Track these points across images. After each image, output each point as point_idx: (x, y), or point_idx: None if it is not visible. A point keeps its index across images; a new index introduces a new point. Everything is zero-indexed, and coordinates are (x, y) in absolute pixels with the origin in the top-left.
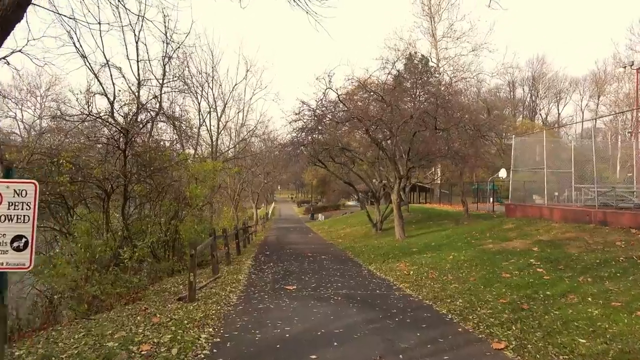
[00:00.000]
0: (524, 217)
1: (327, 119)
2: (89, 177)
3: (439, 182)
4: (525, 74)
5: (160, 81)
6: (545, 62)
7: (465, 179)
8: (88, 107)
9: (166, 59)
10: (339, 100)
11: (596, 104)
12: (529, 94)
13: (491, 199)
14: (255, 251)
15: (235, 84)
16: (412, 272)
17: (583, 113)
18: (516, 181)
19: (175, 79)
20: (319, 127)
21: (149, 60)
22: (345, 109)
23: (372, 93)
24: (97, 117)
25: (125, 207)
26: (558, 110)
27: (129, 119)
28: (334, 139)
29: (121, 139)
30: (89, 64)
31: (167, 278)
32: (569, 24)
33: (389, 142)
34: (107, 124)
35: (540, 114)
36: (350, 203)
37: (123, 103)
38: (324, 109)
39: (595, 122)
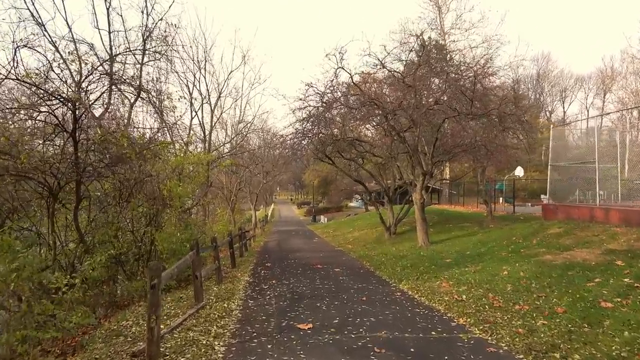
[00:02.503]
0: (569, 220)
1: (338, 104)
2: (19, 168)
3: (447, 181)
4: (530, 71)
5: (140, 59)
6: (551, 59)
7: (480, 176)
8: (13, 66)
9: (146, 33)
10: (352, 82)
11: (602, 101)
12: (534, 92)
13: (500, 200)
14: (254, 262)
15: (231, 71)
16: (464, 296)
17: (588, 111)
18: (556, 179)
19: (159, 57)
20: (327, 115)
21: (125, 31)
22: (359, 92)
23: (390, 72)
24: (22, 80)
25: (77, 211)
26: (563, 108)
27: (73, 82)
28: (344, 131)
29: (68, 116)
30: (48, 34)
31: (137, 304)
32: (574, 21)
33: (406, 133)
34: (43, 92)
35: (545, 112)
36: (353, 204)
37: (61, 61)
38: (334, 92)
39: None
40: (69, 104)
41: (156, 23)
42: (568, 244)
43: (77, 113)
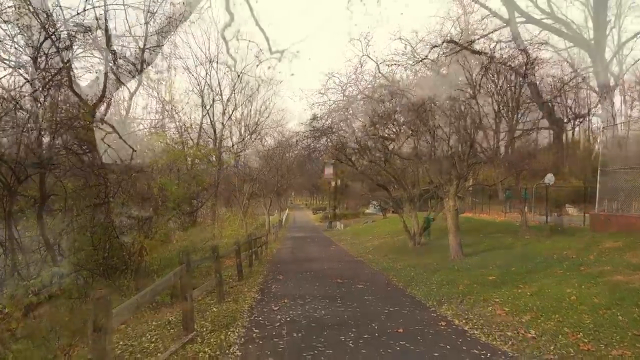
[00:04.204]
0: (626, 232)
1: (361, 96)
2: None
3: (474, 186)
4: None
5: (142, 44)
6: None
7: (509, 182)
8: None
9: (149, 14)
10: (379, 72)
11: (630, 108)
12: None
13: (526, 207)
14: (265, 273)
15: (245, 66)
16: (532, 330)
17: (615, 118)
18: (606, 185)
19: (163, 42)
20: (349, 111)
21: (125, 10)
22: (388, 82)
23: (422, 62)
24: None
25: (42, 211)
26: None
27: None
28: (366, 130)
29: (25, 91)
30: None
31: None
32: None
33: (438, 132)
34: None
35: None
36: (370, 210)
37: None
38: (358, 83)
39: None
40: (19, 70)
41: (160, 3)
42: (636, 261)
43: (35, 85)
